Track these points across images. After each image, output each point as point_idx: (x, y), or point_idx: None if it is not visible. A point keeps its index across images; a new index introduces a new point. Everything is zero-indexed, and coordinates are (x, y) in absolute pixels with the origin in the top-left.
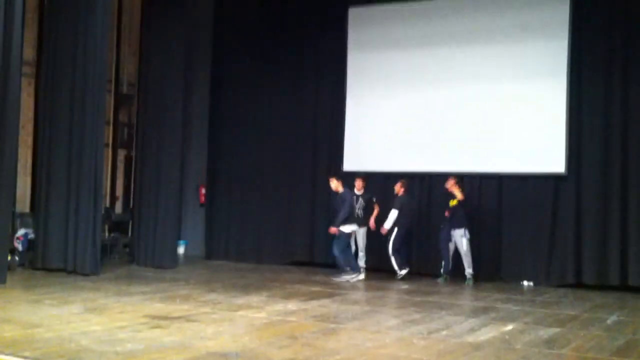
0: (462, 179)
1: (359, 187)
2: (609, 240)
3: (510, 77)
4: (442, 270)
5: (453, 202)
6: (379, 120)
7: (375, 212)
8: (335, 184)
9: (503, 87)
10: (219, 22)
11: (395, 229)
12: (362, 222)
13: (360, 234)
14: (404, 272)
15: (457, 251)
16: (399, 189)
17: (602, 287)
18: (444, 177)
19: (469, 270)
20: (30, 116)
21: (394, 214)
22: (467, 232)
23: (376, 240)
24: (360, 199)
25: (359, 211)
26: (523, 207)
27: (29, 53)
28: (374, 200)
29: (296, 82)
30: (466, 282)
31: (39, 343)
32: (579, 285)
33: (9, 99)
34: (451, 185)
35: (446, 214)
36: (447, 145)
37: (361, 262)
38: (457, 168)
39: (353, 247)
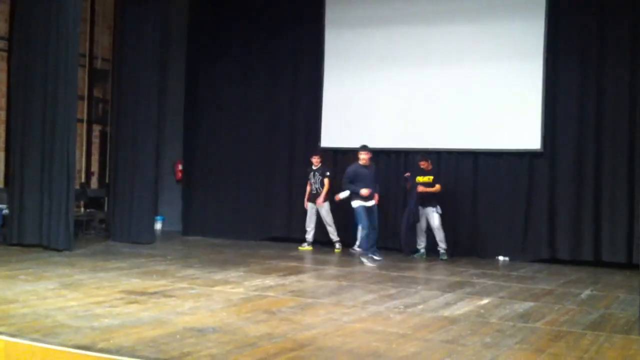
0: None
1: (316, 162)
2: (583, 217)
3: (487, 56)
4: (417, 247)
5: (422, 179)
6: (356, 98)
7: (326, 188)
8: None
9: (480, 65)
10: None
11: None
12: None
13: (325, 209)
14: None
15: (429, 227)
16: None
17: (576, 262)
18: (419, 153)
19: (442, 246)
20: (4, 91)
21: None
22: (439, 208)
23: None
24: (317, 174)
25: (317, 186)
26: (498, 183)
27: (2, 28)
28: (327, 174)
29: (274, 59)
30: (440, 257)
31: (14, 318)
32: (553, 260)
33: None
34: (427, 165)
35: (410, 187)
36: (423, 122)
37: (334, 237)
38: (433, 145)
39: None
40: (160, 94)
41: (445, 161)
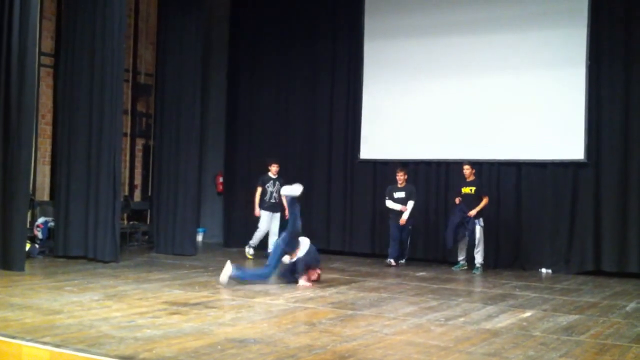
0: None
1: (274, 171)
2: (628, 228)
3: (529, 65)
4: (458, 258)
5: (465, 190)
6: (396, 109)
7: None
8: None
9: (521, 75)
10: (235, 12)
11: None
12: (279, 207)
13: (276, 218)
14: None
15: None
16: (403, 177)
17: (621, 274)
18: (461, 164)
19: (479, 260)
20: (50, 106)
21: (411, 205)
22: (481, 220)
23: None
24: (277, 183)
25: (275, 195)
26: (542, 194)
27: (48, 44)
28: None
29: (313, 70)
30: (473, 271)
31: (59, 329)
32: (598, 272)
33: (25, 89)
34: (470, 173)
35: (457, 200)
36: (464, 132)
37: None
38: (475, 155)
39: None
40: (201, 107)
41: (487, 172)
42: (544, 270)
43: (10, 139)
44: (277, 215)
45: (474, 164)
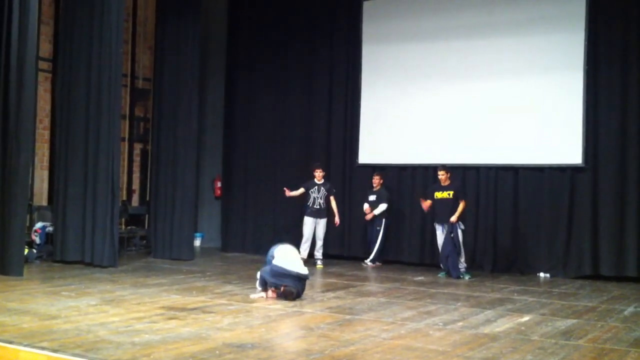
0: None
1: (319, 177)
2: (626, 232)
3: (527, 70)
4: (441, 265)
5: (441, 195)
6: (394, 113)
7: (334, 204)
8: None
9: (519, 79)
10: (233, 16)
11: (383, 221)
12: (325, 213)
13: (322, 224)
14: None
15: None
16: (378, 182)
17: (619, 278)
18: (459, 169)
19: (462, 264)
20: (48, 111)
21: (383, 206)
22: (461, 224)
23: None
24: (323, 189)
25: (320, 201)
26: (540, 198)
27: (46, 49)
28: (334, 191)
29: (311, 74)
30: (463, 276)
31: (57, 334)
32: (596, 276)
33: (24, 93)
34: (445, 178)
35: (425, 204)
36: (463, 137)
37: (318, 254)
38: (473, 160)
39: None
40: (199, 112)
41: (485, 176)
42: (541, 274)
43: (9, 144)
44: (322, 221)
45: (448, 166)
